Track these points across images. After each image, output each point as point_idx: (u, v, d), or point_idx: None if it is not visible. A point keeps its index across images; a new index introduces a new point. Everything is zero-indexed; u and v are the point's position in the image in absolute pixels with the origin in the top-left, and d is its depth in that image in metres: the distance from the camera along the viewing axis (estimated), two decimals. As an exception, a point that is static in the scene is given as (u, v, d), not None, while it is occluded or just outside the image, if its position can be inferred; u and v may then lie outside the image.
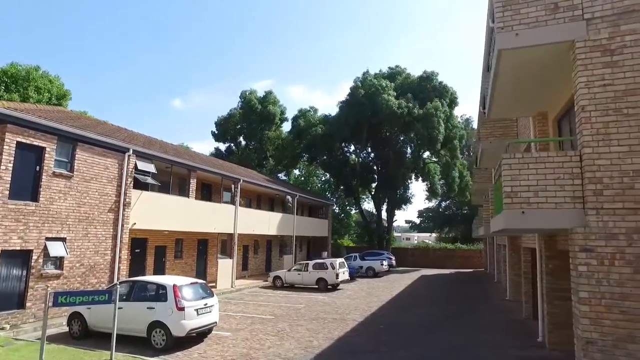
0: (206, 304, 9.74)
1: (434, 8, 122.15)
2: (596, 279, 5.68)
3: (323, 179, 53.53)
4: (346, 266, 21.98)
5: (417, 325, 11.83)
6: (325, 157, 38.09)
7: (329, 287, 20.06)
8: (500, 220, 6.64)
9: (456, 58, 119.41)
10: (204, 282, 10.69)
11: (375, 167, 39.00)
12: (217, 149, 39.85)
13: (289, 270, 21.44)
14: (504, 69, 7.19)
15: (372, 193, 40.60)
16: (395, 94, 34.57)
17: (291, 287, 20.82)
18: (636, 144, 5.76)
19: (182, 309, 9.09)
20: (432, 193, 42.09)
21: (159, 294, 9.46)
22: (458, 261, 38.67)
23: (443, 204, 61.11)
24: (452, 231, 59.19)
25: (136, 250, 15.88)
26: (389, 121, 33.71)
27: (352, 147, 39.03)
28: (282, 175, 44.16)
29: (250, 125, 38.78)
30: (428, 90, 36.13)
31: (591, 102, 6.01)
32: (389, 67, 39.36)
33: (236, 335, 10.39)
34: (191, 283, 9.98)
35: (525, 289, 12.46)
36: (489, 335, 10.45)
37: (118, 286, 8.44)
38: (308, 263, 21.15)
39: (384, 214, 40.72)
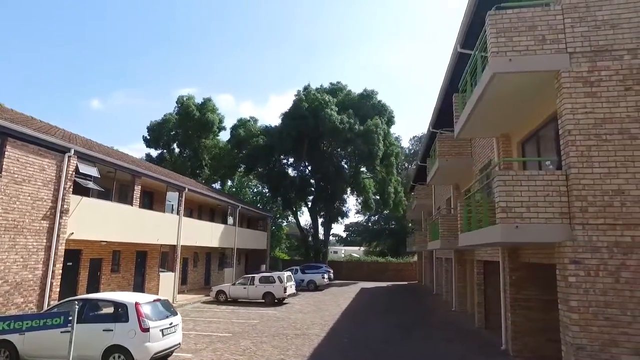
0: (171, 324, 8.88)
1: (363, 30, 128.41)
2: (584, 288, 6.17)
3: (255, 190, 52.78)
4: (293, 279, 21.65)
5: (381, 338, 11.93)
6: (264, 169, 37.54)
7: (275, 301, 19.57)
8: (490, 234, 6.97)
9: (381, 80, 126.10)
10: (166, 298, 9.77)
11: (314, 181, 39.25)
12: (148, 155, 37.33)
13: (234, 284, 20.55)
14: (491, 92, 7.66)
15: (309, 206, 40.71)
16: (337, 109, 35.34)
17: (234, 301, 19.98)
18: (613, 166, 6.43)
19: (146, 329, 8.16)
20: (366, 208, 43.29)
21: (118, 313, 8.41)
22: (391, 274, 40.05)
23: (372, 218, 63.45)
24: (380, 245, 61.52)
25: (68, 264, 14.11)
26: (331, 136, 34.32)
27: (292, 160, 38.96)
28: (216, 186, 42.60)
29: (186, 132, 36.99)
30: (368, 108, 37.51)
31: (576, 126, 6.61)
32: (331, 83, 40.28)
33: (200, 357, 9.62)
34: (154, 300, 9.04)
35: (478, 300, 13.21)
36: (453, 346, 10.85)
37: (75, 306, 7.36)
38: (254, 276, 20.47)
39: (320, 227, 41.08)
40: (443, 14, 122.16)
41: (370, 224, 65.51)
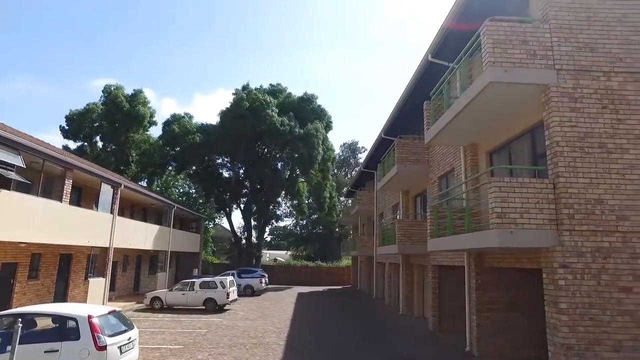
0: (130, 339, 7.80)
1: (298, 37, 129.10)
2: (572, 291, 6.53)
3: (181, 190, 50.13)
4: (235, 285, 20.67)
5: (343, 345, 11.73)
6: (198, 168, 35.68)
7: (216, 307, 18.49)
8: (484, 239, 7.11)
9: (312, 87, 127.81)
10: (120, 309, 8.57)
11: (250, 183, 38.18)
12: (66, 147, 33.36)
13: (171, 290, 19.05)
14: (481, 100, 7.89)
15: (243, 208, 39.49)
16: (277, 110, 34.83)
17: (170, 308, 18.52)
18: (594, 177, 6.93)
19: (103, 348, 6.99)
20: (299, 212, 43.16)
21: (65, 330, 7.13)
22: (323, 278, 40.23)
23: (301, 222, 63.71)
24: (307, 249, 61.98)
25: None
26: (271, 137, 33.69)
27: (228, 160, 37.54)
28: (142, 184, 39.51)
29: (112, 125, 33.78)
30: (307, 112, 37.48)
31: (563, 138, 7.03)
32: (270, 84, 39.60)
33: (158, 372, 8.60)
34: (109, 312, 7.86)
35: (433, 303, 13.61)
36: (418, 350, 11.00)
37: (19, 324, 6.09)
38: (194, 281, 19.16)
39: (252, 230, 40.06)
40: (375, 29, 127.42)
41: (298, 228, 65.77)
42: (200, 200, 47.21)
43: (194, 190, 49.98)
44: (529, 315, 10.12)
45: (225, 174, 38.22)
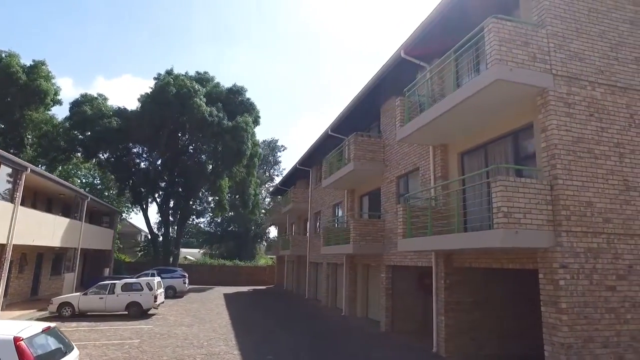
0: (72, 361, 6.18)
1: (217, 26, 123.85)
2: (570, 291, 6.65)
3: (85, 180, 44.85)
4: (162, 286, 18.65)
5: (304, 352, 11.00)
6: (111, 156, 31.90)
7: (141, 312, 16.44)
8: (487, 239, 6.96)
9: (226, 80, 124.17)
10: (55, 325, 6.78)
11: (169, 176, 35.19)
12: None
13: (85, 294, 16.45)
14: (479, 98, 7.80)
15: (160, 203, 36.32)
16: (205, 100, 32.65)
17: (82, 315, 16.01)
18: (585, 180, 7.19)
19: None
20: (220, 208, 41.05)
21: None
22: (244, 278, 38.74)
23: (216, 220, 61.25)
24: (220, 248, 59.87)
25: None
26: (198, 128, 31.46)
27: (147, 149, 34.24)
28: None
29: (3, 99, 28.57)
30: (236, 104, 35.79)
31: (560, 141, 7.19)
32: (197, 72, 36.95)
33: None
34: (43, 330, 6.06)
35: (387, 304, 13.49)
36: (382, 353, 10.70)
37: None
38: (115, 283, 16.81)
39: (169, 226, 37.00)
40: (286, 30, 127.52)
41: (213, 226, 63.16)
42: (107, 193, 42.52)
43: (99, 181, 44.89)
44: (492, 314, 10.42)
45: (143, 165, 34.84)
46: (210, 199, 45.97)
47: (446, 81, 9.85)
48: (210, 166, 36.06)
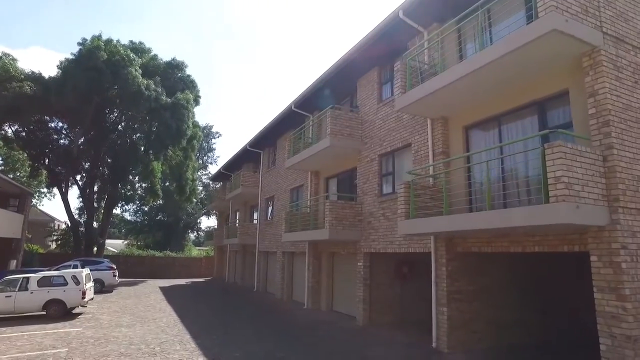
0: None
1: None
2: (631, 275, 5.78)
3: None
4: (92, 280, 15.72)
5: (282, 353, 9.34)
6: (23, 129, 27.05)
7: (65, 312, 13.58)
8: (542, 215, 5.84)
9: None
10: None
11: (94, 156, 30.84)
12: None
13: (-13, 293, 13.17)
14: (513, 57, 6.70)
15: (82, 186, 31.85)
16: (141, 72, 28.99)
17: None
18: (637, 153, 6.39)
19: None
20: (152, 194, 37.25)
21: None
22: (179, 270, 35.64)
23: (143, 209, 56.64)
24: (148, 238, 55.64)
25: None
26: (133, 103, 27.72)
27: (69, 123, 29.71)
28: None
29: None
30: (175, 80, 32.43)
31: (613, 107, 6.30)
32: (131, 41, 32.80)
33: None
34: None
35: (364, 296, 12.22)
36: (376, 351, 9.37)
37: None
38: (28, 278, 13.69)
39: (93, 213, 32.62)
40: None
41: (140, 214, 58.31)
42: (14, 174, 36.52)
43: (1, 161, 38.46)
44: (491, 303, 9.58)
45: (62, 142, 30.26)
46: (140, 184, 41.64)
47: (462, 43, 8.70)
48: (143, 147, 32.42)
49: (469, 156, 8.97)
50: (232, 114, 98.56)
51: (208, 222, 72.31)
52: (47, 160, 29.00)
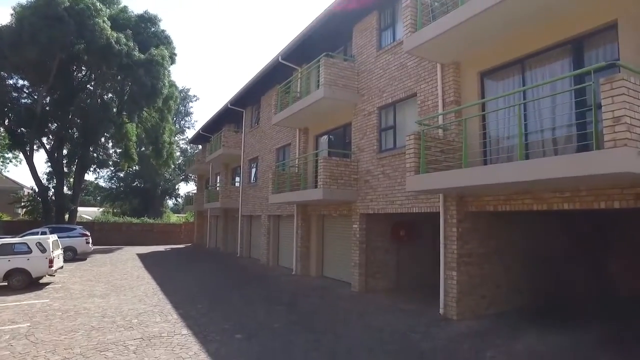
0: None
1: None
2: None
3: None
4: (60, 247, 14.41)
5: (277, 324, 8.45)
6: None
7: (30, 282, 12.35)
8: (591, 162, 4.88)
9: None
10: None
11: (64, 116, 28.49)
12: None
13: (-61, 262, 11.77)
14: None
15: (50, 149, 29.68)
16: (110, 24, 26.42)
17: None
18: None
19: None
20: (127, 159, 35.25)
21: None
22: (157, 237, 34.37)
23: (119, 175, 54.54)
24: (125, 205, 53.97)
25: None
26: (103, 58, 25.34)
27: (32, 81, 27.22)
28: None
29: None
30: (148, 36, 29.89)
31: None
32: (98, -11, 29.85)
33: None
34: None
35: (360, 260, 11.38)
36: (378, 319, 8.58)
37: None
38: (-14, 245, 12.31)
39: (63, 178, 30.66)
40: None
41: (115, 180, 56.19)
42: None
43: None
44: (500, 266, 8.87)
45: (25, 101, 27.84)
46: (115, 149, 39.37)
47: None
48: (116, 108, 30.28)
49: (485, 103, 7.92)
50: (211, 77, 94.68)
51: (187, 188, 70.40)
52: (6, 121, 26.65)
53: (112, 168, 50.35)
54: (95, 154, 34.87)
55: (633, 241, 10.62)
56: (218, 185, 24.86)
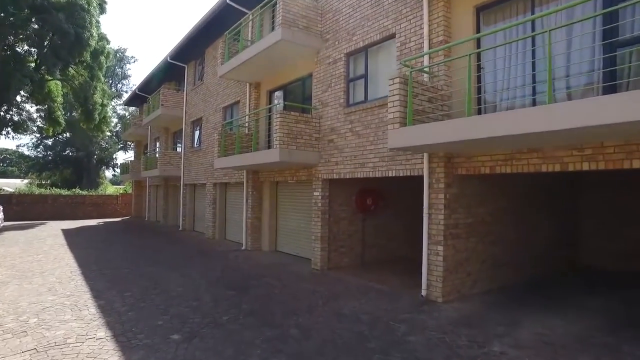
0: None
1: None
2: None
3: None
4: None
5: (237, 315, 6.78)
6: None
7: None
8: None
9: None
10: None
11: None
12: None
13: None
14: None
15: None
16: (16, -44, 22.00)
17: None
18: None
19: None
20: (51, 122, 30.94)
21: None
22: (91, 210, 30.93)
23: (47, 143, 49.13)
24: (52, 177, 48.99)
25: None
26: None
27: None
28: None
29: None
30: (68, -22, 25.61)
31: None
32: None
33: None
34: None
35: (322, 233, 9.88)
36: (350, 303, 7.16)
37: None
38: None
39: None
40: None
41: (42, 149, 50.49)
42: None
43: None
44: (486, 239, 7.75)
45: None
46: (40, 114, 34.39)
47: None
48: (35, 62, 26.01)
49: (482, 45, 6.46)
50: (153, 38, 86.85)
51: (126, 157, 65.46)
52: None
53: (37, 134, 44.99)
54: (9, 114, 30.20)
55: (606, 208, 10.06)
56: (157, 151, 22.10)
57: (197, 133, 18.97)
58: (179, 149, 21.18)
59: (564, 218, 10.11)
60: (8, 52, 25.15)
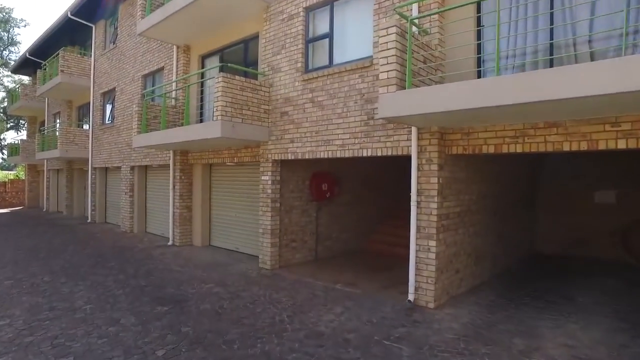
0: None
1: None
2: None
3: None
4: None
5: (164, 347, 4.91)
6: None
7: None
8: None
9: None
10: None
11: None
12: None
13: None
14: None
15: None
16: None
17: None
18: None
19: None
20: None
21: None
22: (-32, 199, 25.63)
23: None
24: None
25: None
26: None
27: None
28: None
29: None
30: None
31: None
32: None
33: None
34: None
35: (272, 226, 8.23)
36: (329, 319, 5.68)
37: None
38: None
39: None
40: None
41: None
42: None
43: None
44: (470, 230, 6.76)
45: None
46: None
47: None
48: None
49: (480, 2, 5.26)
50: (46, -2, 75.38)
51: (15, 137, 56.79)
52: None
53: None
54: None
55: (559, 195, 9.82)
56: (58, 128, 18.45)
57: (108, 107, 15.93)
58: (85, 127, 17.84)
59: (529, 204, 9.65)
60: None
